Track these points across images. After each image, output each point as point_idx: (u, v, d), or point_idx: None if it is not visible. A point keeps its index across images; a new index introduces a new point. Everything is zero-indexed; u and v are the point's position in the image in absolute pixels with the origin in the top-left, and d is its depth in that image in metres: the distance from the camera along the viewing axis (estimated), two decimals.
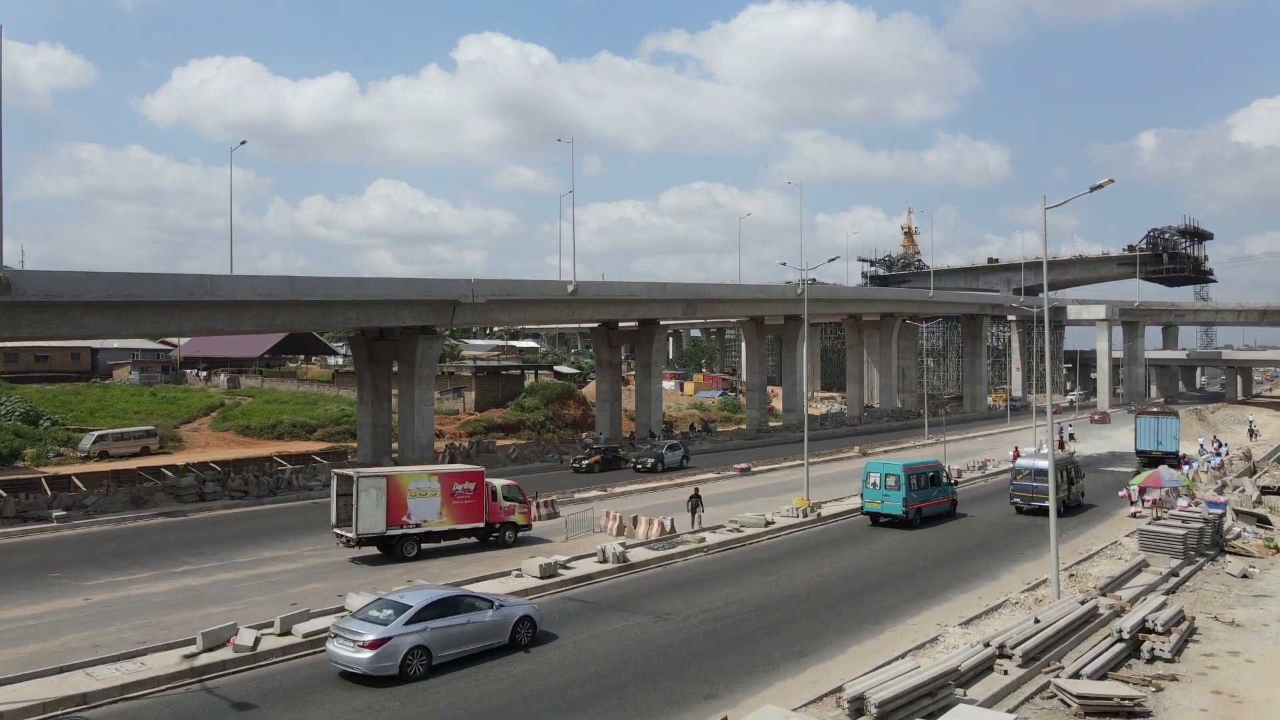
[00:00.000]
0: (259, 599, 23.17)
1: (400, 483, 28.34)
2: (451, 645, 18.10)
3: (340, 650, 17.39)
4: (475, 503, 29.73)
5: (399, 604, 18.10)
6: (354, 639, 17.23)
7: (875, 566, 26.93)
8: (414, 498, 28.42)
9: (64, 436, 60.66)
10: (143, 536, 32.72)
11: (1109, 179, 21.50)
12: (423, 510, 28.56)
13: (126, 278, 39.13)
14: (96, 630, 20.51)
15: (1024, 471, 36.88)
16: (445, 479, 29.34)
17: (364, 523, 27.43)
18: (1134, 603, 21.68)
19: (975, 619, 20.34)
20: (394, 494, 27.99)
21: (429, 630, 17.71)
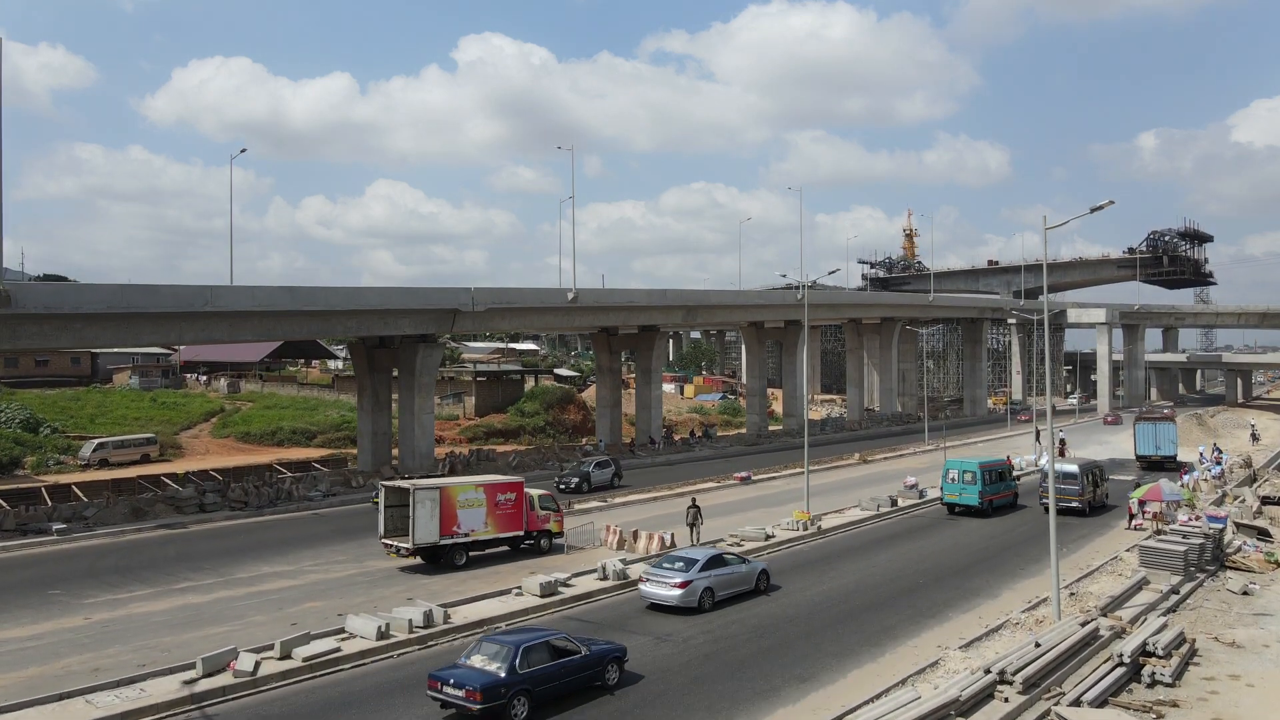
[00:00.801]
0: (259, 618, 23.16)
1: (451, 494, 29.49)
2: (724, 588, 24.53)
3: (654, 589, 23.83)
4: (516, 512, 31.09)
5: (689, 559, 24.53)
6: (666, 581, 23.58)
7: (874, 584, 26.90)
8: (463, 508, 29.59)
9: (64, 444, 60.69)
10: (143, 550, 32.70)
11: (1109, 200, 21.50)
12: (470, 520, 29.74)
13: (126, 289, 39.11)
14: (96, 652, 20.49)
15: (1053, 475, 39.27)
16: (489, 490, 30.67)
17: (420, 533, 28.54)
18: (1135, 623, 21.67)
19: (976, 641, 20.31)
20: (446, 505, 29.10)
21: (711, 576, 24.10)
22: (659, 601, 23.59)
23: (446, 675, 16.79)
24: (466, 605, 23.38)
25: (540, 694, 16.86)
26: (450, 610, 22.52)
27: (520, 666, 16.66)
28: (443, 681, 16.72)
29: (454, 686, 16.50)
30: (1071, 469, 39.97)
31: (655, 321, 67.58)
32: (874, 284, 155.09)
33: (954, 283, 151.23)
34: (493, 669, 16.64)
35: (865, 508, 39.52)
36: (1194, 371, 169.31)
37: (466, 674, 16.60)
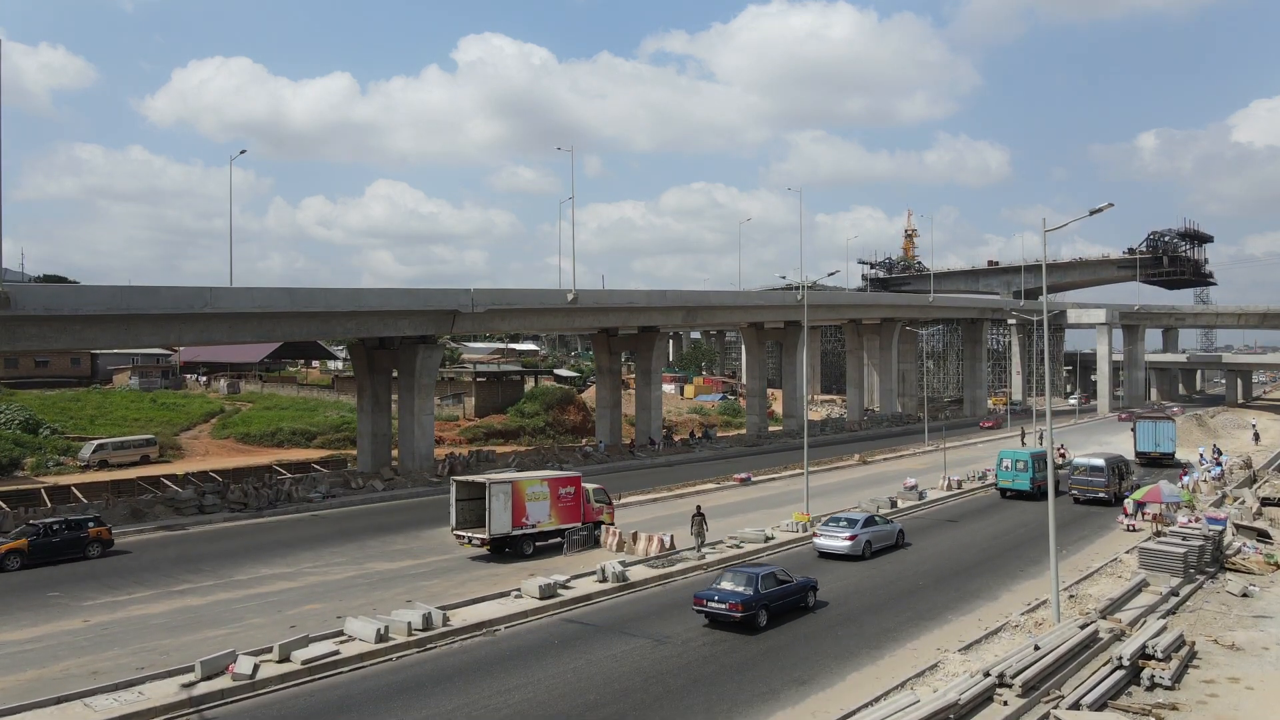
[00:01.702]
0: (258, 620, 23.14)
1: (521, 487, 31.43)
2: (878, 542, 31.22)
3: (827, 541, 30.64)
4: (574, 504, 33.11)
5: (851, 519, 31.36)
6: (837, 535, 30.54)
7: (873, 586, 26.88)
8: (530, 501, 31.59)
9: (64, 445, 60.64)
10: (142, 552, 32.68)
11: (1108, 203, 21.48)
12: (537, 512, 31.74)
13: (125, 291, 39.12)
14: (95, 655, 20.48)
15: (1081, 468, 43.87)
16: (552, 484, 32.72)
17: (495, 524, 30.37)
18: (1134, 625, 21.66)
19: (975, 644, 20.28)
20: (516, 498, 31.06)
21: (870, 532, 30.99)
22: (831, 550, 30.48)
23: (710, 594, 22.60)
24: (466, 608, 23.35)
25: (772, 609, 22.66)
26: (449, 613, 22.51)
27: (761, 588, 22.39)
28: (707, 599, 22.43)
29: (718, 602, 22.16)
30: (1098, 463, 43.31)
31: (655, 322, 67.55)
32: (874, 284, 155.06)
33: (954, 283, 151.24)
34: (742, 590, 22.23)
35: (865, 510, 39.43)
36: (1194, 372, 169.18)
37: (727, 593, 22.25)
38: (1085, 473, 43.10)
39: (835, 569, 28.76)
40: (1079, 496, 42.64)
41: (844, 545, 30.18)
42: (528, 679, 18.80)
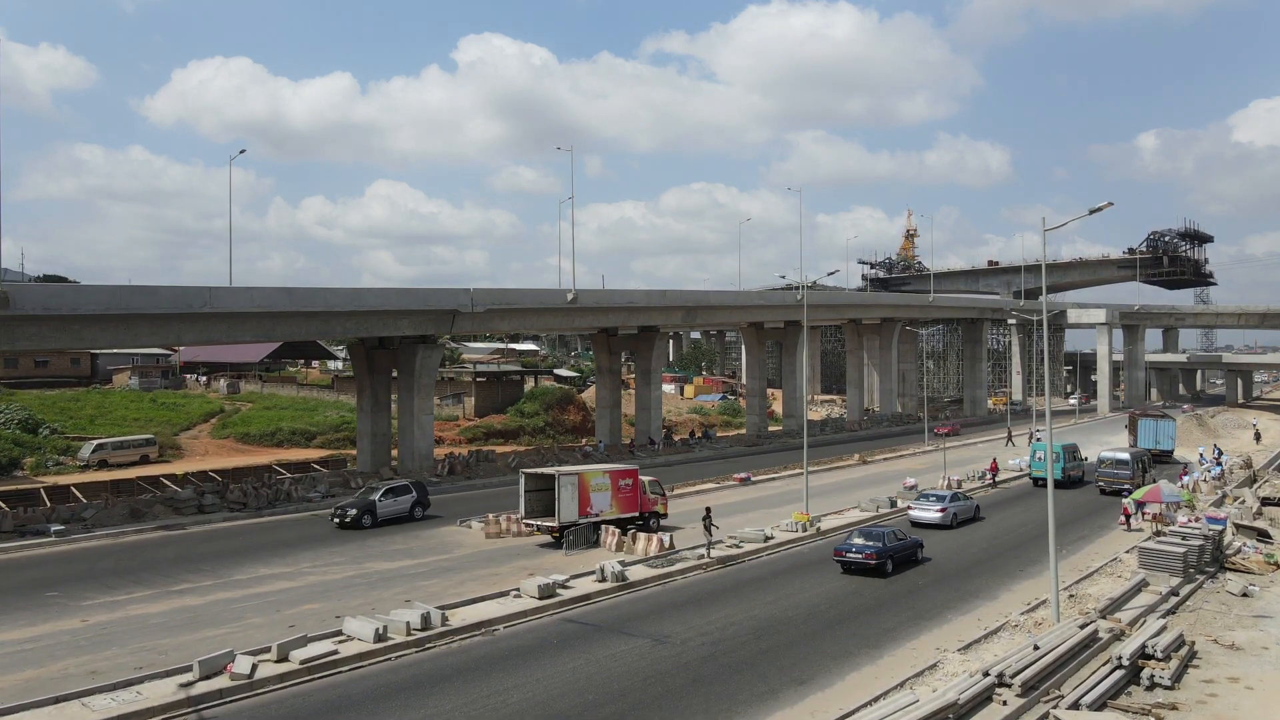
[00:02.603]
0: (257, 620, 23.10)
1: (586, 479, 33.63)
2: (962, 515, 37.02)
3: (921, 514, 36.29)
4: (633, 495, 35.22)
5: (939, 495, 37.91)
6: (931, 508, 36.39)
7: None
8: (594, 492, 33.72)
9: (63, 445, 60.60)
10: (141, 552, 32.65)
11: (1108, 202, 21.44)
12: (600, 502, 33.83)
13: (124, 290, 39.10)
14: (94, 654, 20.44)
15: (1107, 461, 47.49)
16: (613, 476, 34.83)
17: (564, 513, 32.56)
18: (1134, 625, 21.63)
19: (974, 644, 20.25)
20: (582, 489, 33.29)
21: (956, 505, 37.02)
22: (925, 521, 35.81)
23: (848, 547, 28.70)
24: (465, 607, 23.31)
25: (895, 560, 28.53)
26: (448, 612, 22.48)
27: (887, 543, 28.53)
28: (846, 550, 28.57)
29: (855, 553, 28.30)
30: (1124, 456, 47.40)
31: (655, 322, 67.52)
32: (874, 284, 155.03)
33: (954, 283, 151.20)
34: (873, 544, 28.34)
35: (865, 509, 39.48)
36: (1194, 372, 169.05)
37: (863, 546, 28.44)
38: (1111, 465, 46.76)
39: (930, 536, 33.23)
40: (1105, 487, 45.93)
41: (936, 516, 35.88)
42: (526, 679, 18.78)
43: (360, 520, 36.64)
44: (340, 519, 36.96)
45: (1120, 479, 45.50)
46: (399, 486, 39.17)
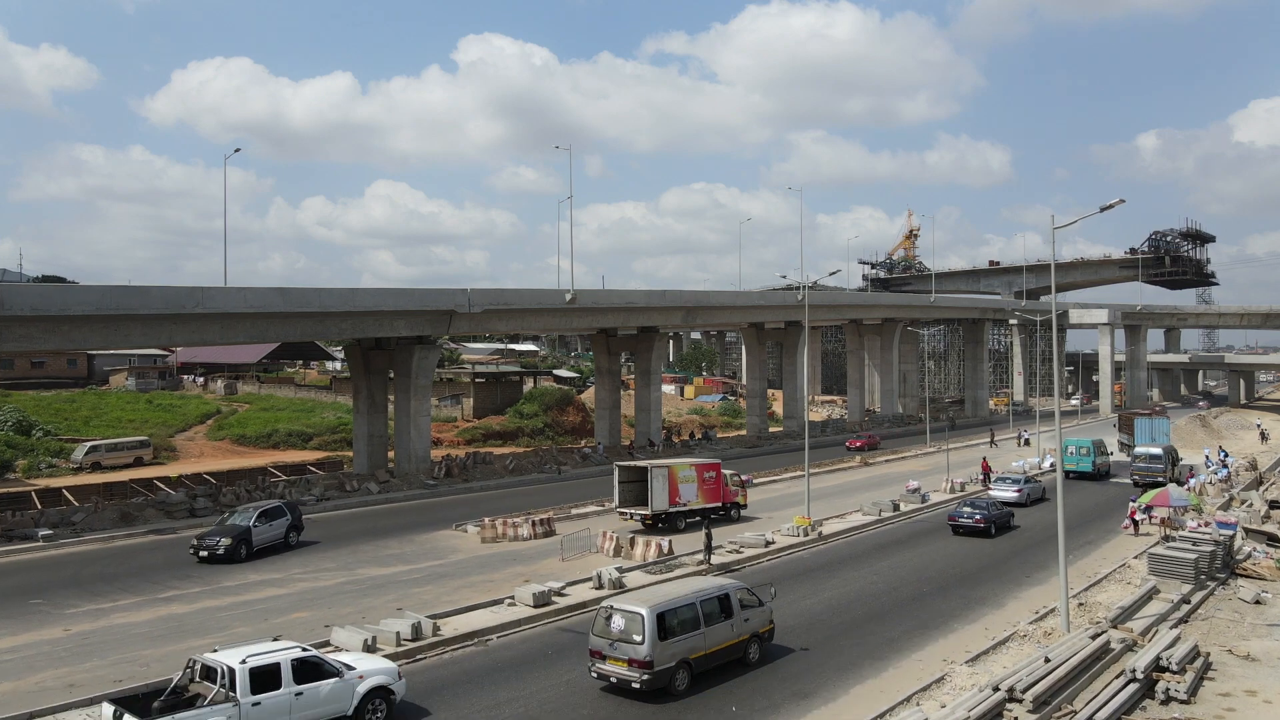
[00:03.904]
0: (243, 630, 22.45)
1: (674, 471, 35.93)
2: (1034, 495, 42.29)
3: (1001, 494, 40.86)
4: (716, 487, 37.47)
5: (1014, 479, 43.37)
6: (1009, 490, 41.43)
7: (877, 592, 26.23)
8: (682, 483, 35.92)
9: (56, 447, 60.02)
10: (130, 557, 32.03)
11: (1120, 199, 20.82)
12: (687, 493, 36.14)
13: (115, 290, 38.48)
14: (74, 666, 19.83)
15: (1142, 456, 50.59)
16: (698, 469, 37.05)
17: (656, 502, 34.91)
18: (1146, 635, 20.99)
19: (982, 655, 19.61)
20: (671, 481, 35.52)
21: (1029, 487, 42.42)
22: (1005, 500, 39.73)
23: (960, 514, 35.21)
24: (457, 616, 22.71)
25: (996, 525, 34.90)
26: (440, 622, 21.86)
27: (991, 512, 35.05)
28: (959, 517, 34.96)
29: (966, 519, 34.84)
30: (1157, 451, 50.46)
31: (654, 322, 66.87)
32: (874, 284, 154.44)
33: (955, 283, 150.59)
34: (980, 512, 34.97)
35: (867, 513, 38.86)
36: (1195, 372, 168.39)
37: (972, 513, 34.96)
38: (1146, 460, 49.94)
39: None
40: (1139, 480, 48.60)
41: (1015, 495, 40.93)
42: (519, 692, 18.16)
43: (236, 553, 30.38)
44: (210, 551, 30.19)
45: (1155, 471, 48.53)
46: (273, 509, 32.93)
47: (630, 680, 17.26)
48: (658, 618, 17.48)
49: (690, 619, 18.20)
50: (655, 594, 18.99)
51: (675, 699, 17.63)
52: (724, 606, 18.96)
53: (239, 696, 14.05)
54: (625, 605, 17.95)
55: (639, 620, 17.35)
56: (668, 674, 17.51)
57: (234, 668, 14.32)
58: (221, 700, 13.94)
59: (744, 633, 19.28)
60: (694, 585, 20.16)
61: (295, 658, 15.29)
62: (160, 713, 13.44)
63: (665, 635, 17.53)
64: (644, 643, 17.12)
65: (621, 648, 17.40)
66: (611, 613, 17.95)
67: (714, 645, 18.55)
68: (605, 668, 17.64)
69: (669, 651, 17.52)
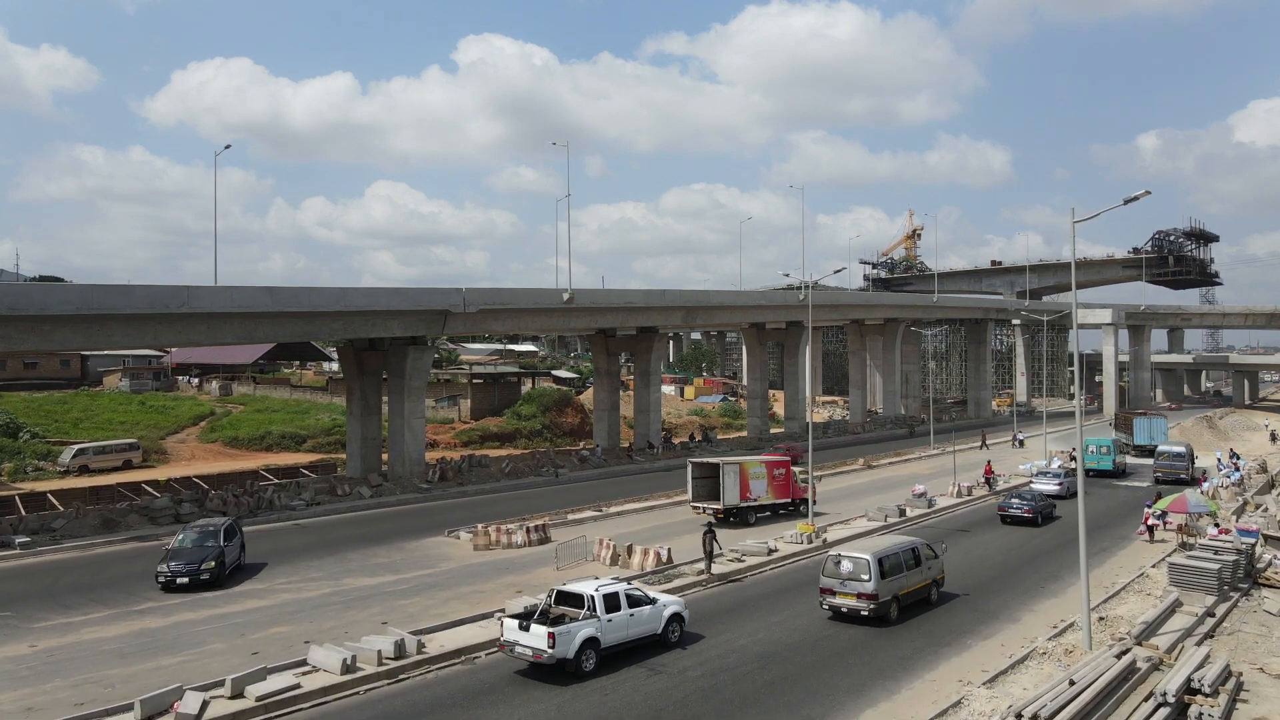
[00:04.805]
0: (218, 646, 21.29)
1: (746, 467, 37.40)
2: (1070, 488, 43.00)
3: (1043, 486, 43.27)
4: (785, 483, 38.84)
5: (1055, 472, 45.85)
6: (1050, 483, 43.73)
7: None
8: (753, 479, 37.40)
9: (44, 450, 58.93)
10: (109, 565, 30.86)
11: (1145, 191, 19.66)
12: (757, 489, 37.58)
13: (97, 290, 37.34)
14: (35, 687, 18.67)
15: (1165, 454, 51.92)
16: (768, 465, 38.42)
17: (728, 497, 36.49)
18: (1173, 652, 19.83)
19: (1001, 675, 18.42)
20: (743, 477, 36.96)
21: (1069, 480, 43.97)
22: (1048, 493, 41.48)
23: (1009, 505, 37.96)
24: (444, 632, 21.52)
25: (1042, 516, 37.47)
26: (425, 638, 20.67)
27: (1037, 504, 37.57)
28: (1008, 508, 37.76)
29: (1015, 510, 37.43)
30: (1179, 449, 52.34)
31: (654, 323, 65.70)
32: (876, 284, 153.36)
33: (956, 283, 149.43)
34: (1029, 503, 37.54)
35: (873, 518, 37.69)
36: (1199, 372, 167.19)
37: (1022, 502, 37.75)
38: (1168, 458, 51.29)
39: None
40: (1162, 477, 49.91)
41: (1056, 488, 43.13)
42: (507, 715, 17.02)
43: (220, 576, 27.25)
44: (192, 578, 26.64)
45: (1177, 469, 50.06)
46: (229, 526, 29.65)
47: (859, 609, 22.43)
48: (878, 561, 22.62)
49: (897, 564, 23.31)
50: (872, 544, 24.57)
51: (889, 625, 22.57)
52: (916, 557, 24.22)
53: (598, 614, 19.47)
54: (851, 553, 23.16)
55: (865, 563, 22.52)
56: (886, 605, 22.66)
57: (592, 595, 19.78)
58: (588, 616, 19.36)
59: (928, 578, 24.58)
60: (892, 539, 26.01)
61: (626, 590, 20.67)
62: (554, 621, 19.05)
63: (884, 575, 22.64)
64: (870, 580, 22.37)
65: (850, 584, 22.57)
66: (840, 558, 23.04)
67: (912, 586, 23.78)
68: (836, 601, 22.84)
69: (887, 588, 22.70)
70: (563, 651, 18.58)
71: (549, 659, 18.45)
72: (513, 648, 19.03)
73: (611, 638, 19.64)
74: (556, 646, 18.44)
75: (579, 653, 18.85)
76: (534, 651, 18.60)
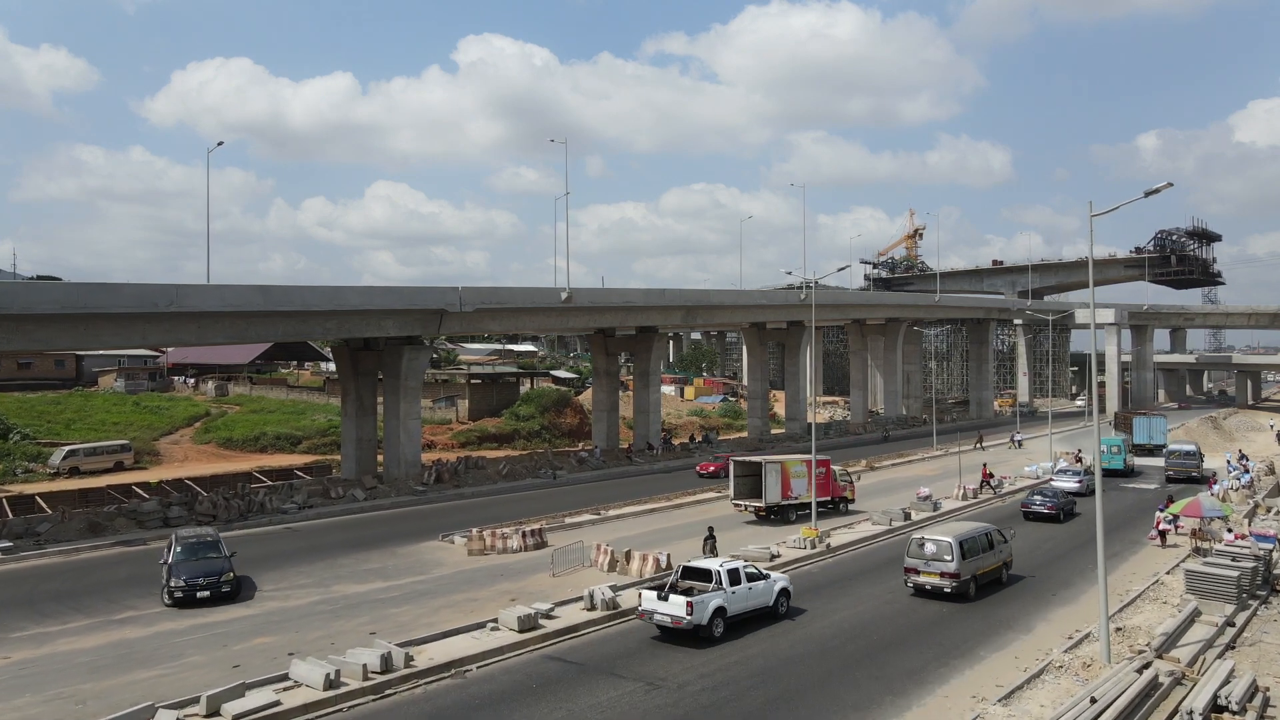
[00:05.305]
0: (197, 659, 20.40)
1: (787, 466, 38.24)
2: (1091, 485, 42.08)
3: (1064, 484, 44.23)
4: (826, 482, 39.49)
5: (1075, 470, 46.83)
6: (1072, 480, 44.57)
7: (894, 613, 24.18)
8: (794, 478, 38.23)
9: (34, 451, 58.04)
10: (92, 571, 30.00)
11: (1168, 183, 18.82)
12: (798, 487, 38.26)
13: (83, 288, 36.51)
14: (5, 702, 17.80)
15: (1176, 452, 53.16)
16: (809, 465, 38.44)
17: (769, 495, 37.33)
18: (1195, 665, 18.97)
19: (1016, 691, 17.53)
20: (784, 475, 37.83)
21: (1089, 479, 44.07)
22: (1069, 490, 42.49)
23: (1032, 501, 38.72)
24: (434, 643, 20.61)
25: (1064, 512, 37.99)
26: (414, 650, 19.80)
27: (1058, 499, 38.45)
28: (1030, 505, 38.47)
29: (1039, 507, 38.24)
30: (1190, 448, 53.79)
31: (653, 322, 64.83)
32: (876, 284, 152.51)
33: (957, 283, 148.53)
34: (1051, 500, 38.36)
35: (877, 522, 36.85)
36: (1201, 373, 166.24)
37: (1044, 499, 38.54)
38: (1179, 456, 52.27)
39: None
40: (1174, 475, 50.70)
41: (1076, 485, 43.96)
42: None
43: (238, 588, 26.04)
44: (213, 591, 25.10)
45: (1188, 467, 50.96)
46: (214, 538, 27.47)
47: (942, 586, 24.83)
48: (960, 544, 25.06)
49: (975, 547, 25.73)
50: (951, 528, 26.88)
51: (968, 601, 24.93)
52: (990, 541, 26.52)
53: (724, 587, 22.01)
54: (934, 536, 25.62)
55: (948, 545, 25.01)
56: (966, 583, 24.97)
57: (718, 569, 22.39)
58: (716, 588, 21.85)
59: (999, 561, 26.86)
60: (969, 525, 28.19)
61: (743, 567, 23.17)
62: (686, 592, 21.74)
63: (964, 556, 24.98)
64: (953, 560, 24.80)
65: (934, 564, 24.98)
66: (924, 541, 25.52)
67: (987, 567, 26.11)
68: (920, 579, 25.26)
69: (967, 568, 25.05)
70: (698, 618, 21.04)
71: (687, 624, 20.96)
72: (651, 615, 21.52)
73: (735, 607, 22.22)
74: (694, 613, 20.91)
75: (711, 619, 21.36)
76: (672, 618, 21.11)
